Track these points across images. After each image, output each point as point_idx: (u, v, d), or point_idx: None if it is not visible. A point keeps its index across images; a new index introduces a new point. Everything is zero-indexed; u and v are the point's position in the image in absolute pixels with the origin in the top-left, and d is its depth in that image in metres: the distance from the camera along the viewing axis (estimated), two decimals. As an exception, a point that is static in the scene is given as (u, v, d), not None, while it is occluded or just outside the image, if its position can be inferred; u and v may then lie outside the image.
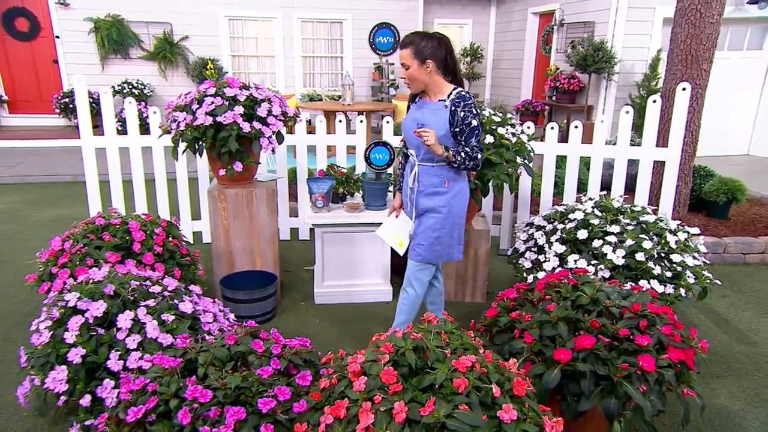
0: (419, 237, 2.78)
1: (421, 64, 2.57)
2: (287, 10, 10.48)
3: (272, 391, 1.79)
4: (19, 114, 9.90)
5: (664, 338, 2.06)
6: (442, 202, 2.69)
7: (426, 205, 2.73)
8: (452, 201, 2.70)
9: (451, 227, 2.74)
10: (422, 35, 2.59)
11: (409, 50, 2.56)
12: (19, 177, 6.83)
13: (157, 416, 1.78)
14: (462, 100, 2.58)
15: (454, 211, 2.72)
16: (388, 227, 2.96)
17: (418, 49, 2.55)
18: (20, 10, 9.43)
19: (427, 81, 2.63)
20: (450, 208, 2.70)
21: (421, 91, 2.69)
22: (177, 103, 3.38)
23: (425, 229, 2.75)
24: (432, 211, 2.73)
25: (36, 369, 2.14)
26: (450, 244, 2.78)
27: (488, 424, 1.65)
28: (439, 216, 2.71)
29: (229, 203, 3.51)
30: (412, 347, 1.84)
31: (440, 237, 2.73)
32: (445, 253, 2.79)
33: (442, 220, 2.71)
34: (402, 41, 2.61)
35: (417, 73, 2.59)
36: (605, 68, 8.12)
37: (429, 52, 2.55)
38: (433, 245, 2.74)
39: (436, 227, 2.72)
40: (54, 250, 2.94)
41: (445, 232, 2.73)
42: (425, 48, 2.55)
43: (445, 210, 2.70)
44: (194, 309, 2.38)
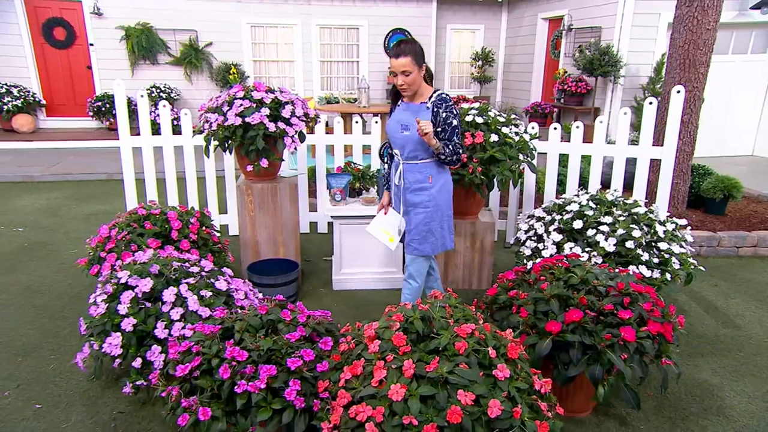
0: (413, 232, 2.95)
1: (420, 70, 2.73)
2: (306, 17, 10.77)
3: (299, 353, 2.04)
4: (56, 117, 10.32)
5: (645, 313, 2.27)
6: (427, 196, 2.87)
7: (413, 200, 2.90)
8: (437, 195, 2.88)
9: (440, 219, 2.92)
10: (413, 42, 2.72)
11: (410, 58, 2.66)
12: (59, 175, 7.19)
13: (201, 373, 2.04)
14: (443, 102, 2.74)
15: (441, 204, 2.90)
16: (378, 224, 3.11)
17: (417, 56, 2.69)
18: (58, 20, 9.85)
19: (420, 85, 2.79)
20: (436, 202, 2.89)
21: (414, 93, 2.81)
22: (209, 105, 3.64)
23: (417, 224, 2.92)
24: (419, 206, 2.89)
25: (95, 336, 2.41)
26: (442, 235, 2.96)
27: (485, 381, 1.87)
28: (428, 210, 2.88)
29: (256, 197, 3.77)
30: (419, 317, 2.07)
31: (432, 230, 2.91)
32: (439, 244, 2.97)
33: (431, 214, 2.89)
34: (399, 51, 2.67)
35: (417, 78, 2.73)
36: (611, 72, 8.26)
37: (422, 57, 2.73)
38: (426, 238, 2.93)
39: (427, 221, 2.89)
40: (102, 236, 3.22)
41: (435, 225, 2.91)
42: (420, 54, 2.71)
43: (431, 204, 2.88)
44: (228, 287, 2.64)
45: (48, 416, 2.50)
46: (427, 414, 1.77)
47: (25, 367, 2.88)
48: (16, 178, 7.02)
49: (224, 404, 1.97)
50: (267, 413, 1.93)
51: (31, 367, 2.88)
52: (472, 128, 3.52)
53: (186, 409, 1.96)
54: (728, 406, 2.64)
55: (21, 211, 5.76)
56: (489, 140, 3.48)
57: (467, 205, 3.79)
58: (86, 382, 2.75)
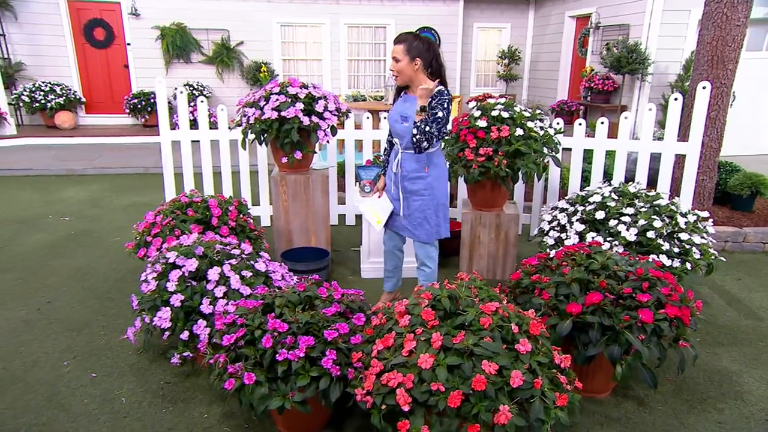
0: (410, 218, 3.13)
1: (411, 61, 2.88)
2: (335, 17, 10.98)
3: (335, 326, 2.20)
4: (95, 114, 10.74)
5: (663, 297, 2.37)
6: (423, 185, 3.04)
7: (410, 188, 3.07)
8: (433, 184, 3.05)
9: (435, 207, 3.09)
10: (415, 36, 2.90)
11: (402, 46, 2.85)
12: (99, 169, 7.53)
13: (244, 343, 2.22)
14: (439, 95, 2.86)
15: (436, 193, 3.07)
16: (370, 204, 3.31)
17: (410, 47, 2.85)
18: (98, 21, 10.27)
19: (412, 76, 2.93)
20: (432, 190, 3.05)
21: (406, 84, 2.99)
22: (247, 100, 3.84)
23: (413, 211, 3.09)
24: (416, 193, 3.06)
25: (147, 311, 2.62)
26: (437, 223, 3.12)
27: (507, 354, 2.01)
28: (423, 198, 3.06)
29: (289, 187, 3.96)
30: (447, 295, 2.22)
31: (427, 217, 3.08)
32: (434, 231, 3.13)
33: (426, 201, 3.06)
34: (396, 38, 2.91)
35: (405, 68, 2.89)
36: (639, 69, 8.25)
37: (418, 51, 2.87)
38: (422, 225, 3.10)
39: (423, 208, 3.07)
40: (148, 222, 3.44)
41: (430, 212, 3.08)
42: (415, 47, 2.86)
43: (427, 192, 3.05)
44: (266, 268, 2.82)
45: (103, 384, 2.72)
46: (454, 382, 1.91)
47: (79, 341, 3.12)
48: (60, 171, 7.38)
49: (266, 371, 2.15)
50: (305, 380, 2.10)
51: (85, 341, 3.12)
52: (498, 122, 3.65)
53: (232, 374, 2.14)
54: (746, 391, 2.72)
55: (66, 202, 6.08)
56: (514, 134, 3.59)
57: (493, 197, 3.91)
58: (135, 356, 2.97)
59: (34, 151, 8.55)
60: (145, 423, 2.44)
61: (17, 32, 9.95)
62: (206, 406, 2.56)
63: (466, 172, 3.64)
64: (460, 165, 3.68)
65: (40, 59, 10.13)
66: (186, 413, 2.51)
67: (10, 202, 6.02)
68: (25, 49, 10.05)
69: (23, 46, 10.03)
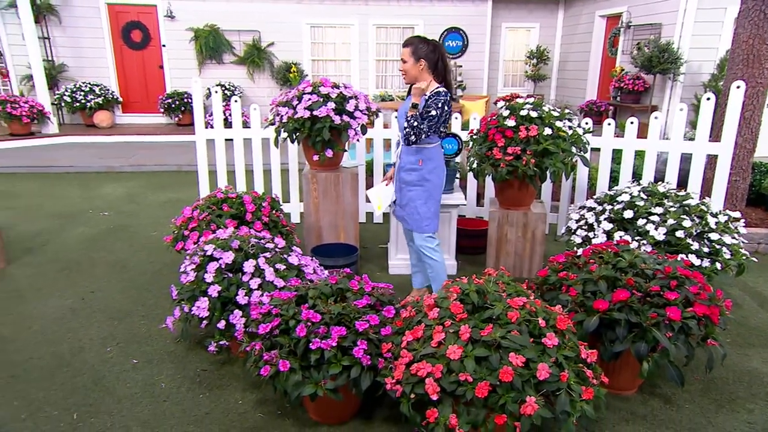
0: (405, 208, 3.30)
1: (416, 62, 3.05)
2: (363, 17, 11.08)
3: (366, 317, 2.27)
4: (131, 113, 11.07)
5: (691, 296, 2.37)
6: (416, 177, 3.20)
7: (405, 178, 3.25)
8: (426, 176, 3.20)
9: (426, 200, 3.23)
10: (421, 39, 3.09)
11: (409, 49, 3.05)
12: (135, 166, 7.77)
13: (279, 332, 2.31)
14: (436, 95, 3.04)
15: (428, 186, 3.22)
16: (377, 191, 3.54)
17: (416, 50, 3.04)
18: (136, 23, 10.59)
19: (417, 76, 3.09)
20: (424, 182, 3.21)
21: (412, 83, 3.14)
22: (280, 99, 3.95)
23: (407, 200, 3.27)
24: (409, 184, 3.24)
25: (185, 300, 2.73)
26: (429, 216, 3.27)
27: (534, 347, 2.05)
28: (417, 189, 3.22)
29: (320, 185, 4.05)
30: (475, 290, 2.27)
31: (417, 207, 3.24)
32: (425, 224, 3.27)
33: (418, 193, 3.22)
34: (405, 41, 3.10)
35: (410, 68, 3.07)
36: (671, 69, 8.12)
37: (423, 53, 3.05)
38: (412, 215, 3.27)
39: (414, 198, 3.23)
40: (185, 217, 3.57)
41: (421, 203, 3.23)
42: (421, 50, 3.04)
43: (419, 184, 3.21)
44: (299, 262, 2.91)
45: (144, 370, 2.85)
46: (481, 373, 1.96)
47: (121, 329, 3.27)
48: (100, 168, 7.65)
49: (300, 359, 2.24)
50: (337, 368, 2.17)
51: (126, 329, 3.26)
52: (527, 122, 3.67)
53: (267, 361, 2.23)
54: (777, 393, 2.70)
55: (105, 198, 6.31)
56: (543, 133, 3.61)
57: (520, 196, 3.93)
58: (173, 344, 3.10)
59: (75, 148, 8.87)
60: (183, 407, 2.56)
61: (61, 35, 10.34)
62: (241, 393, 2.66)
63: (494, 170, 3.67)
64: (488, 164, 3.71)
65: (80, 61, 10.51)
66: (222, 399, 2.62)
67: (54, 197, 6.28)
68: (67, 51, 10.44)
69: (66, 49, 10.42)
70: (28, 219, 5.43)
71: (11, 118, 8.95)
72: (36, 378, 2.77)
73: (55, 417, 2.48)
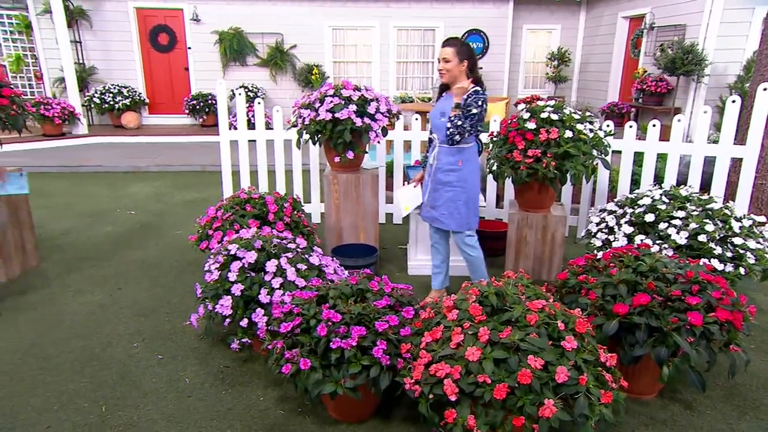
0: (441, 208, 3.32)
1: (459, 62, 3.12)
2: (385, 20, 11.10)
3: (385, 318, 2.29)
4: (157, 114, 11.27)
5: (714, 301, 2.34)
6: (456, 177, 3.23)
7: (443, 179, 3.27)
8: (466, 177, 3.23)
9: (466, 200, 3.27)
10: (462, 41, 3.19)
11: (454, 49, 3.11)
12: (162, 166, 7.92)
13: (300, 331, 2.34)
14: (475, 93, 3.11)
15: (468, 186, 3.25)
16: (404, 193, 3.59)
17: (460, 50, 3.11)
18: (163, 26, 10.79)
19: (458, 76, 3.15)
20: (464, 183, 3.24)
21: (450, 82, 3.20)
22: (302, 102, 3.99)
23: (445, 201, 3.30)
24: (448, 185, 3.26)
25: (209, 298, 2.78)
26: (467, 215, 3.31)
27: (553, 350, 2.04)
28: (455, 190, 3.25)
29: (341, 186, 4.08)
30: (494, 292, 2.27)
31: (458, 208, 3.27)
32: (464, 222, 3.31)
33: (458, 193, 3.26)
34: (446, 41, 3.17)
35: (454, 68, 3.13)
36: (695, 71, 7.97)
37: (466, 55, 3.13)
38: (452, 215, 3.29)
39: (454, 199, 3.26)
40: (209, 217, 3.63)
41: (461, 204, 3.27)
42: (464, 51, 3.13)
43: (459, 185, 3.25)
44: (320, 262, 2.94)
45: (168, 366, 2.91)
46: (500, 375, 1.96)
47: (147, 325, 3.34)
48: (127, 168, 7.81)
49: (320, 358, 2.26)
50: (357, 367, 2.20)
51: (152, 326, 3.33)
52: (547, 124, 3.64)
53: (289, 360, 2.26)
54: (802, 401, 2.64)
55: (132, 197, 6.44)
56: (563, 136, 3.58)
57: (540, 198, 3.90)
58: (197, 341, 3.16)
59: (103, 148, 9.07)
60: (207, 403, 2.60)
61: (91, 39, 10.59)
62: (262, 390, 2.70)
63: (513, 173, 3.65)
64: (507, 166, 3.70)
65: (110, 63, 10.74)
66: (244, 396, 2.66)
67: (84, 196, 6.44)
68: (97, 54, 10.68)
69: (96, 52, 10.67)
70: (59, 217, 5.58)
71: (44, 120, 9.19)
72: (67, 371, 2.85)
73: (85, 409, 2.55)
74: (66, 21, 9.38)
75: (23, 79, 10.73)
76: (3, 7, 10.11)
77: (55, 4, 9.03)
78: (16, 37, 10.44)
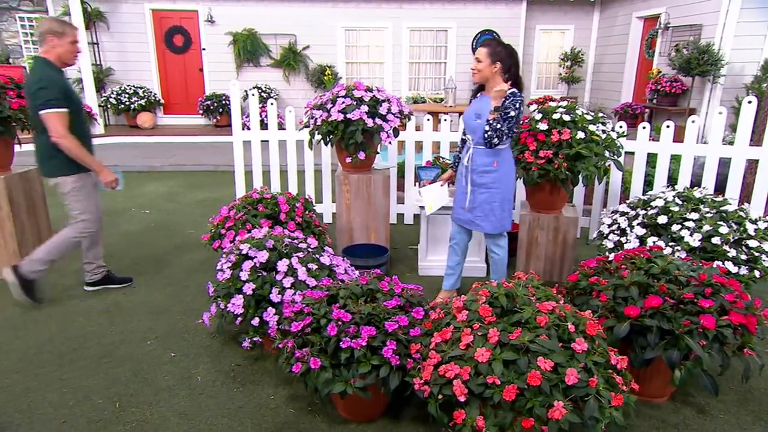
0: (476, 210, 3.31)
1: (491, 63, 3.10)
2: (397, 20, 11.10)
3: (395, 318, 2.29)
4: (171, 114, 11.38)
5: (727, 304, 2.30)
6: (491, 179, 3.23)
7: (478, 181, 3.26)
8: (501, 178, 3.22)
9: (501, 201, 3.27)
10: (498, 42, 3.14)
11: (487, 50, 3.10)
12: (175, 166, 7.99)
13: (311, 330, 2.35)
14: (512, 95, 3.09)
15: (502, 187, 3.24)
16: (430, 191, 3.61)
17: (493, 52, 3.10)
18: (178, 28, 10.89)
19: (489, 77, 3.14)
20: (499, 184, 3.23)
21: (482, 82, 3.23)
22: (315, 102, 4.00)
23: (480, 203, 3.29)
24: (483, 186, 3.25)
25: (221, 297, 2.81)
26: (502, 216, 3.30)
27: (563, 352, 2.03)
28: (490, 191, 3.25)
29: (352, 186, 4.09)
30: (504, 293, 2.26)
31: (493, 209, 3.27)
32: (498, 224, 3.31)
33: (493, 195, 3.26)
34: (482, 43, 3.16)
35: (485, 69, 3.12)
36: (710, 71, 7.86)
37: (499, 56, 3.10)
38: (488, 217, 3.28)
39: (489, 200, 3.27)
40: (222, 216, 3.66)
41: (496, 205, 3.26)
42: (498, 53, 3.10)
43: (494, 186, 3.25)
44: (331, 262, 2.95)
45: (181, 363, 2.94)
46: (509, 376, 1.95)
47: (160, 323, 3.37)
48: (142, 168, 7.90)
49: (330, 358, 2.27)
50: (367, 367, 2.20)
51: (165, 323, 3.37)
52: (559, 125, 3.62)
53: (299, 359, 2.27)
54: (818, 406, 2.59)
55: (146, 196, 6.51)
56: (575, 137, 3.56)
57: (552, 199, 3.88)
58: (209, 339, 3.18)
59: (119, 148, 9.18)
60: (218, 400, 2.63)
61: (108, 40, 10.73)
62: (273, 389, 2.72)
63: (525, 174, 3.63)
64: (519, 167, 3.68)
65: (126, 65, 10.87)
66: (255, 394, 2.68)
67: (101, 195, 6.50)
68: (114, 55, 10.82)
69: (112, 53, 10.80)
70: (75, 216, 5.65)
71: (61, 120, 9.31)
72: (82, 368, 2.89)
73: (99, 405, 2.58)
74: (84, 23, 9.50)
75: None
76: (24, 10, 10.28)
77: (74, 7, 9.16)
78: (35, 39, 10.58)
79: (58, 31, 3.31)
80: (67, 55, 3.37)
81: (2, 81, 3.81)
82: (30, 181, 4.10)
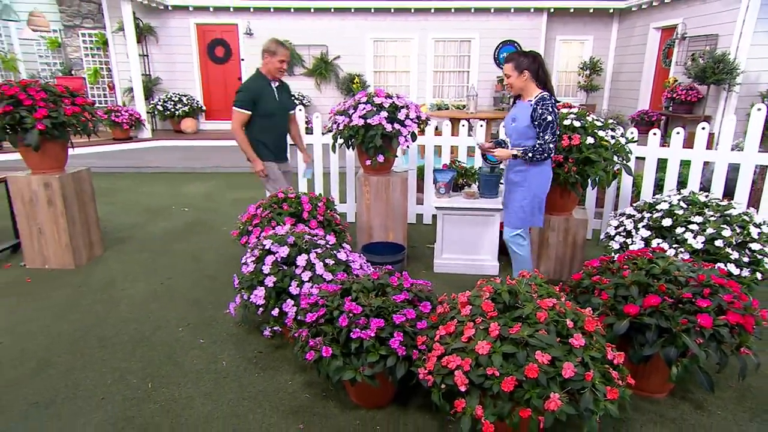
0: (509, 207, 3.31)
1: (519, 74, 3.11)
2: (423, 32, 11.09)
3: (403, 311, 2.30)
4: (212, 120, 11.62)
5: (725, 304, 2.24)
6: (523, 177, 3.23)
7: (513, 179, 3.30)
8: (533, 178, 3.19)
9: (532, 199, 3.23)
10: (520, 53, 3.16)
11: (511, 64, 3.14)
12: (215, 167, 8.17)
13: (324, 321, 2.38)
14: (542, 101, 3.03)
15: (534, 186, 3.21)
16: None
17: (518, 64, 3.12)
18: (220, 40, 11.13)
19: (522, 86, 3.16)
20: (530, 183, 3.20)
21: (518, 93, 3.21)
22: (338, 109, 4.05)
23: (512, 200, 3.27)
24: (516, 185, 3.27)
25: (245, 289, 2.86)
26: (532, 213, 3.27)
27: (561, 347, 2.00)
28: (522, 189, 3.25)
29: (372, 187, 4.11)
30: (507, 290, 2.24)
31: (524, 206, 3.25)
32: (528, 220, 3.29)
33: (524, 192, 3.22)
34: (506, 58, 3.19)
35: (515, 81, 3.16)
36: (726, 79, 7.60)
37: (525, 65, 3.09)
38: (517, 213, 3.27)
39: (520, 198, 3.24)
40: (250, 214, 3.73)
41: (527, 202, 3.24)
42: (522, 63, 3.11)
43: (526, 185, 3.21)
44: (347, 258, 2.98)
45: (209, 349, 3.01)
46: (508, 368, 1.94)
47: (192, 312, 3.46)
48: (184, 169, 8.10)
49: (341, 347, 2.29)
50: (375, 357, 2.22)
51: (197, 313, 3.45)
52: (570, 131, 3.57)
53: (312, 347, 2.31)
54: (819, 407, 2.49)
55: (187, 195, 6.67)
56: (585, 142, 3.50)
57: (562, 202, 3.82)
58: (234, 327, 3.25)
59: (164, 151, 9.43)
60: (241, 384, 2.68)
61: (157, 53, 11.05)
62: (291, 375, 2.76)
63: (535, 177, 3.59)
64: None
65: (172, 74, 11.16)
66: (274, 379, 2.72)
67: (145, 194, 6.72)
68: (161, 66, 11.13)
69: (160, 64, 11.11)
70: (122, 212, 5.85)
71: (114, 125, 9.64)
72: (120, 350, 2.99)
73: (134, 385, 2.67)
74: (136, 37, 9.80)
75: (99, 90, 11.27)
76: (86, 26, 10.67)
77: (127, 22, 9.45)
78: (95, 53, 10.98)
79: (271, 50, 3.99)
80: (274, 70, 4.04)
81: (59, 90, 3.97)
82: (81, 181, 4.25)
